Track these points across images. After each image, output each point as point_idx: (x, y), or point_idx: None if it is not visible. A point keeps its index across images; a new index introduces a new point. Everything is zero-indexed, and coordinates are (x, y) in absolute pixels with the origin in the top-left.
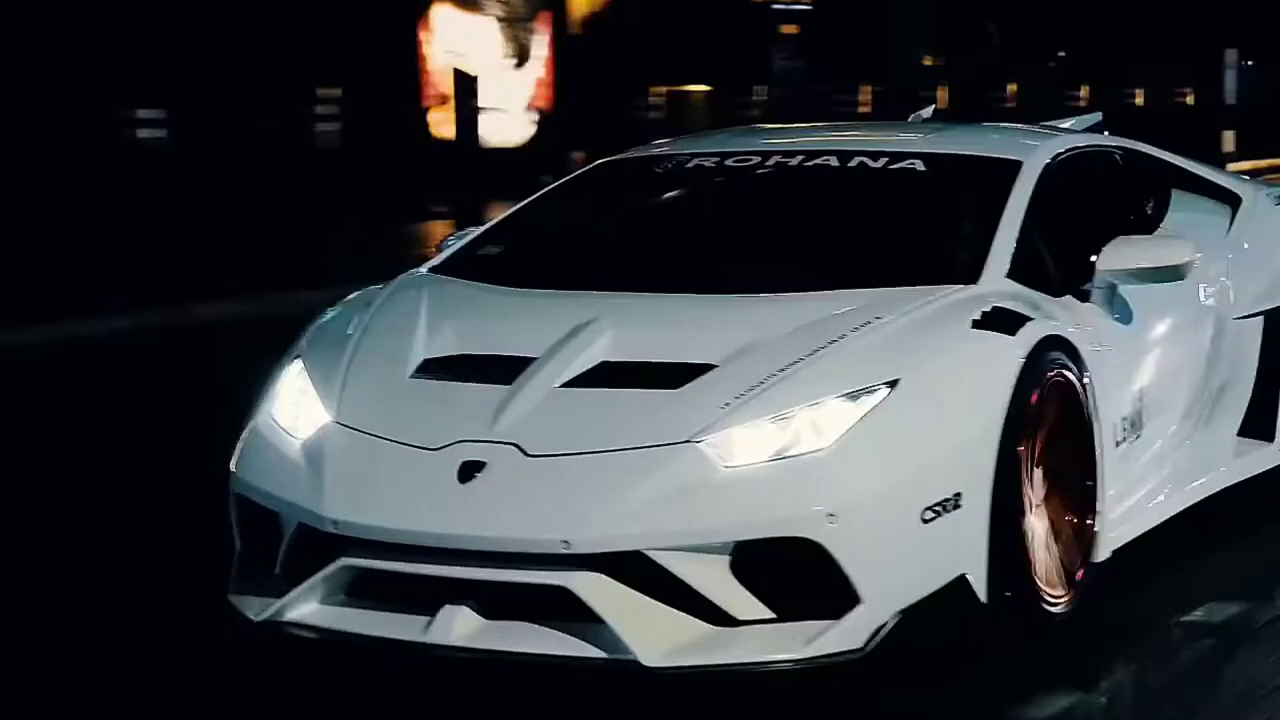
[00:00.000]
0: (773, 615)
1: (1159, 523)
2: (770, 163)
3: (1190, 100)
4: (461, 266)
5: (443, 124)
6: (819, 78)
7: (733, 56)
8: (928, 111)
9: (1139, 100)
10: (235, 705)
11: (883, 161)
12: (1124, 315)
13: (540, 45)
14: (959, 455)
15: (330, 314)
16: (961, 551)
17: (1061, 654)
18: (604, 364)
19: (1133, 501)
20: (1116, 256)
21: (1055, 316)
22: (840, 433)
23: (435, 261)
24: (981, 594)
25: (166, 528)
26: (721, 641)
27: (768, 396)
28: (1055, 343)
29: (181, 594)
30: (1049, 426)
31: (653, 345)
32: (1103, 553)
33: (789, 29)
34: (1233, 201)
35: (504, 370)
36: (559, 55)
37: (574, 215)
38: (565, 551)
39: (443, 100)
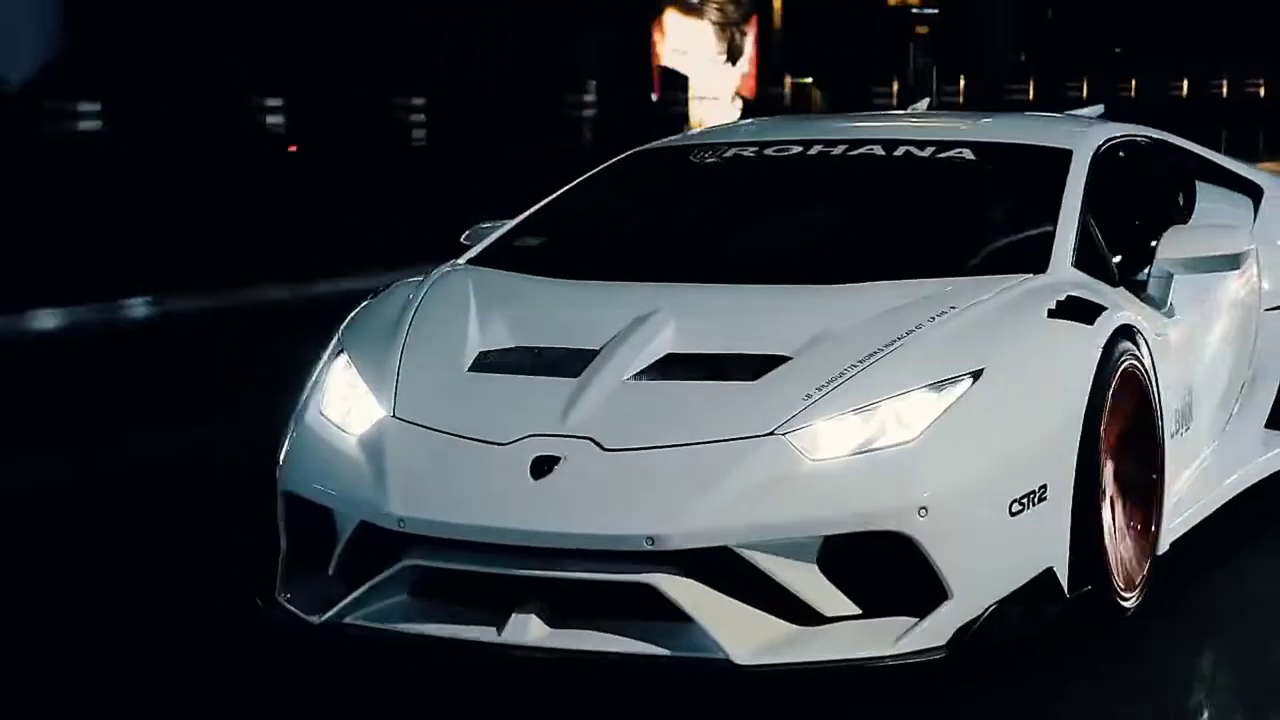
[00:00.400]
0: (859, 611)
1: (1203, 517)
2: (812, 152)
3: (1261, 92)
4: (500, 258)
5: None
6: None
7: (873, 55)
8: (923, 105)
9: (1224, 92)
10: (284, 707)
11: (930, 150)
12: (1175, 305)
13: (749, 44)
14: (1044, 446)
15: (368, 306)
16: (1047, 544)
17: (1136, 650)
18: (671, 355)
19: (1183, 494)
20: (1177, 245)
21: (1122, 306)
22: (926, 424)
23: (473, 253)
24: (1065, 587)
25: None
26: (809, 638)
27: (850, 388)
28: (1126, 332)
29: (209, 597)
30: (1121, 418)
31: (720, 336)
32: (1163, 546)
33: (921, 29)
34: (1253, 193)
35: (568, 363)
36: (762, 51)
37: (609, 205)
38: (649, 549)
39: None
